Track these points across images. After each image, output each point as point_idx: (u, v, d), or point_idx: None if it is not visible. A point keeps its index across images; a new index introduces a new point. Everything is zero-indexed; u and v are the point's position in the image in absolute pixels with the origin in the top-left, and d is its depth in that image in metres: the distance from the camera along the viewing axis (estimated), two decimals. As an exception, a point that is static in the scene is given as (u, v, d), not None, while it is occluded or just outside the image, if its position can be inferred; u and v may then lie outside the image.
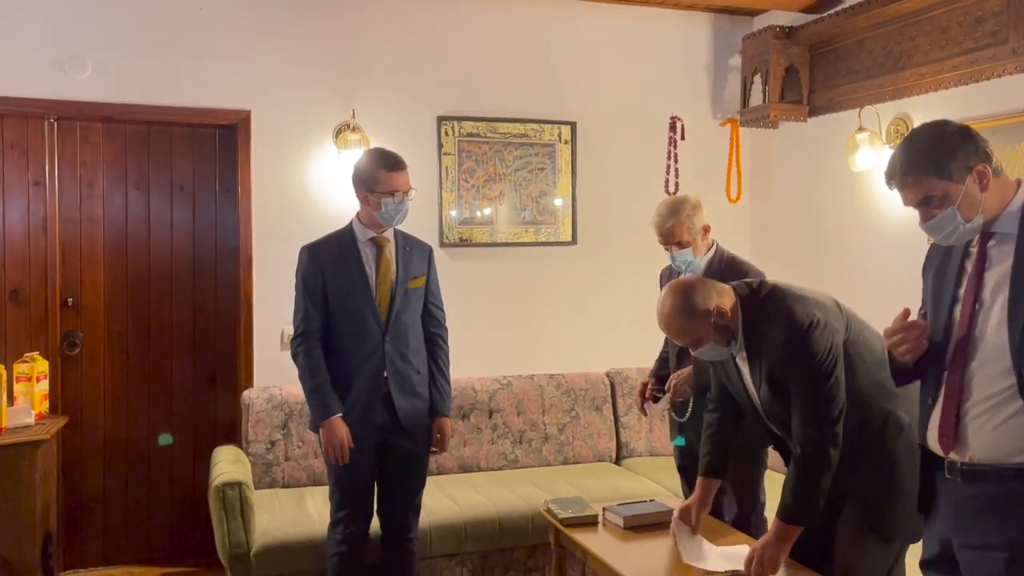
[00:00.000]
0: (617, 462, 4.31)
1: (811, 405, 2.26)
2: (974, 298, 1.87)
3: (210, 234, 4.08)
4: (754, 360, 2.37)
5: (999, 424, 1.80)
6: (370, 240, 3.02)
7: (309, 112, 4.04)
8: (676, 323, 2.39)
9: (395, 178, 2.94)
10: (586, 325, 4.50)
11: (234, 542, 3.22)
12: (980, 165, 1.84)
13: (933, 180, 1.84)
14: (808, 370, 2.25)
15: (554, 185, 4.46)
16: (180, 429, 4.06)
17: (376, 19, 4.15)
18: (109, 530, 3.98)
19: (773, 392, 2.34)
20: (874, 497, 2.31)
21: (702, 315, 2.35)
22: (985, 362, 1.84)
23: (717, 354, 2.43)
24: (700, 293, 2.37)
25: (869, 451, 2.32)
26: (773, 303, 2.35)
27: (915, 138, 1.92)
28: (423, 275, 3.09)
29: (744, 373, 2.45)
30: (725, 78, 4.71)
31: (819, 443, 2.25)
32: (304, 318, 2.98)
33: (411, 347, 3.02)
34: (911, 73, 3.66)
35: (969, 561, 1.88)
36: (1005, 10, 3.24)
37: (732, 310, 2.37)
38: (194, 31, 3.90)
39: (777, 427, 2.44)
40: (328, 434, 2.90)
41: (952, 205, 1.85)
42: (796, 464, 2.30)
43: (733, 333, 2.37)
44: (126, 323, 3.98)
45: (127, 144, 3.95)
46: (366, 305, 2.96)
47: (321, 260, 2.99)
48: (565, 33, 4.45)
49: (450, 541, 3.46)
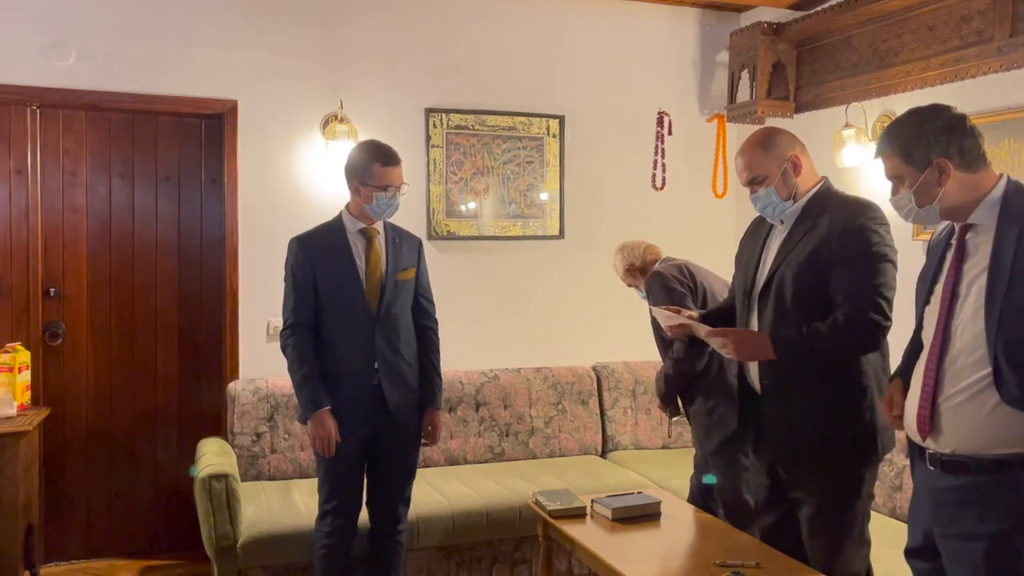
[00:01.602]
0: (603, 455, 4.33)
1: (866, 279, 2.25)
2: (952, 289, 1.91)
3: (195, 225, 4.05)
4: (799, 234, 2.37)
5: (976, 415, 1.83)
6: (360, 231, 3.01)
7: (297, 103, 4.02)
8: (751, 152, 2.45)
9: (389, 172, 2.93)
10: (573, 319, 4.51)
11: (220, 534, 3.20)
12: (940, 159, 1.90)
13: (898, 161, 1.96)
14: (875, 248, 2.27)
15: (542, 179, 4.46)
16: (164, 421, 4.03)
17: (365, 10, 4.13)
18: (92, 522, 3.94)
19: (803, 272, 2.32)
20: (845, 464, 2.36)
21: (778, 156, 2.41)
22: (961, 352, 1.88)
23: (771, 205, 2.43)
24: (785, 138, 2.46)
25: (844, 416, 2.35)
26: (850, 195, 2.45)
27: (904, 118, 2.01)
28: (412, 267, 3.08)
29: (770, 247, 2.46)
30: (712, 74, 4.73)
31: (866, 311, 2.23)
32: (293, 310, 2.96)
33: (401, 339, 3.01)
34: (897, 70, 3.69)
35: (950, 551, 1.91)
36: (991, 8, 3.28)
37: (807, 173, 2.43)
38: (181, 19, 3.86)
39: (759, 319, 2.44)
40: (316, 426, 2.89)
41: (909, 189, 1.95)
42: (831, 323, 2.27)
43: (795, 195, 2.40)
44: (109, 314, 3.94)
45: (111, 133, 3.91)
46: (356, 296, 2.94)
47: (311, 251, 2.97)
48: (554, 27, 4.45)
49: (437, 534, 3.46)
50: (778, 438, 2.41)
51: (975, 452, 1.85)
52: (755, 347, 2.34)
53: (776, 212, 2.44)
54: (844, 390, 2.34)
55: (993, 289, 1.83)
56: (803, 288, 2.33)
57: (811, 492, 2.39)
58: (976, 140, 1.93)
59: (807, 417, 2.34)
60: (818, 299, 2.31)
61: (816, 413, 2.34)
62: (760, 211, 2.49)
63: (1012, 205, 1.87)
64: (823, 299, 2.30)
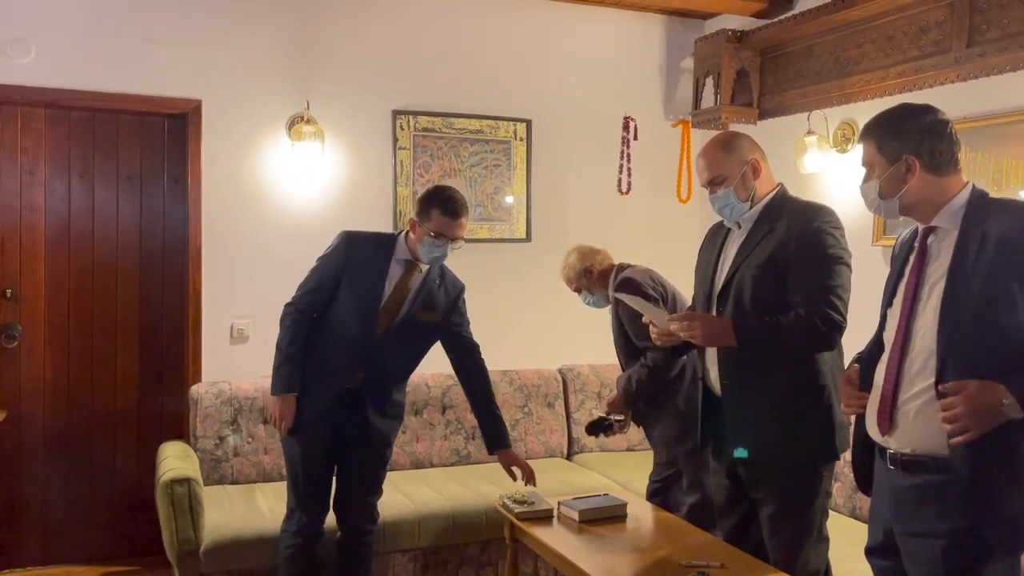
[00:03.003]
0: (569, 457, 4.34)
1: (823, 280, 2.30)
2: (914, 291, 1.96)
3: (158, 225, 3.99)
4: (757, 237, 2.42)
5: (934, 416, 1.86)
6: (403, 261, 2.99)
7: (262, 103, 3.98)
8: (713, 153, 2.50)
9: (447, 223, 2.91)
10: (539, 322, 4.53)
11: (182, 539, 3.16)
12: (910, 156, 1.95)
13: (873, 150, 2.01)
14: (831, 250, 2.33)
15: (509, 182, 4.48)
16: (124, 424, 3.96)
17: (332, 10, 4.10)
18: (49, 528, 3.86)
19: (761, 274, 2.36)
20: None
21: (739, 158, 2.45)
22: (920, 353, 1.92)
23: (728, 206, 2.47)
24: (747, 142, 2.51)
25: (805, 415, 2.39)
26: (806, 200, 2.51)
27: (892, 110, 2.04)
28: (441, 312, 3.05)
29: (728, 251, 2.50)
30: (677, 80, 4.78)
31: (823, 310, 2.28)
32: (306, 293, 2.98)
33: (397, 373, 3.05)
34: (858, 79, 3.77)
35: (909, 548, 1.95)
36: (948, 20, 3.37)
37: (765, 178, 2.48)
38: (144, 16, 3.80)
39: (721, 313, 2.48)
40: (279, 407, 2.92)
41: (877, 179, 1.99)
42: (792, 316, 2.31)
43: (752, 199, 2.45)
44: (68, 316, 3.86)
45: (71, 131, 3.84)
46: (367, 314, 2.93)
47: (352, 251, 2.97)
48: (522, 31, 4.46)
49: (403, 536, 3.45)
50: (738, 438, 2.44)
51: (934, 452, 1.89)
52: (718, 332, 2.37)
53: (733, 213, 2.48)
54: (802, 389, 2.39)
55: (951, 294, 1.87)
56: (761, 289, 2.37)
57: (771, 492, 2.43)
58: (951, 146, 1.96)
59: (766, 417, 2.38)
60: (776, 300, 2.35)
61: (774, 413, 2.37)
62: (718, 211, 2.53)
63: (976, 212, 1.91)
64: (781, 300, 2.35)
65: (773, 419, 2.37)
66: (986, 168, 3.22)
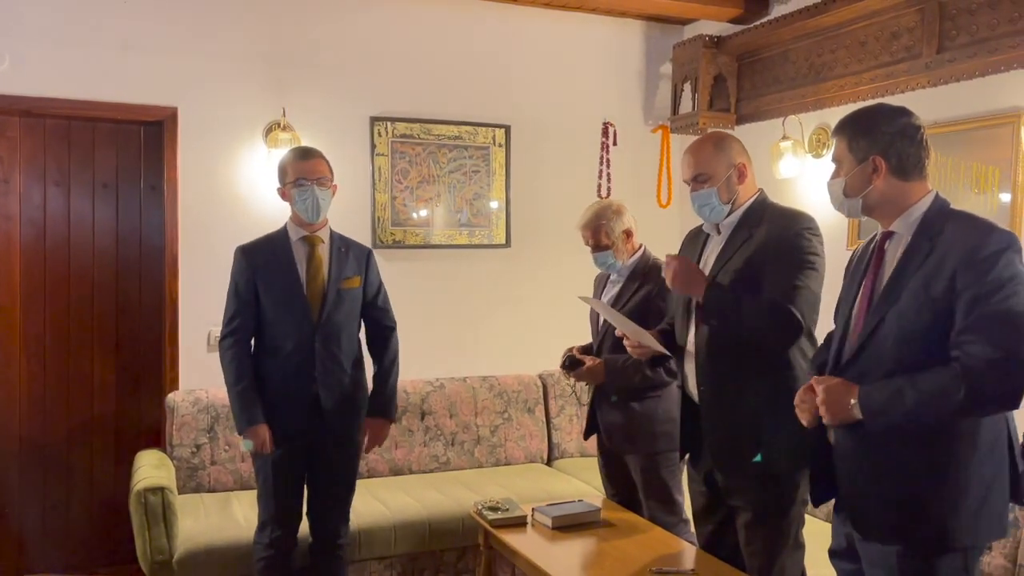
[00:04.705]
0: (548, 463, 4.34)
1: (791, 279, 2.31)
2: (870, 295, 1.97)
3: (134, 233, 3.97)
4: (737, 242, 2.42)
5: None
6: (302, 239, 2.99)
7: (239, 110, 3.97)
8: (702, 149, 2.49)
9: (302, 165, 2.91)
10: (519, 327, 4.53)
11: (155, 548, 3.14)
12: (876, 157, 1.95)
13: (843, 147, 2.01)
14: (804, 254, 2.34)
15: (488, 188, 4.48)
16: (101, 433, 3.94)
17: (309, 16, 4.10)
18: (24, 537, 3.83)
19: (740, 279, 2.37)
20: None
21: (727, 159, 2.45)
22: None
23: (708, 206, 2.46)
24: (737, 145, 2.51)
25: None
26: (786, 207, 2.52)
27: (867, 108, 2.05)
28: (358, 276, 3.05)
29: (708, 256, 2.50)
30: (656, 85, 4.79)
31: (788, 306, 2.29)
32: (231, 319, 2.94)
33: (343, 348, 2.99)
34: (831, 84, 3.79)
35: (867, 553, 1.97)
36: (919, 26, 3.39)
37: (749, 184, 2.48)
38: (119, 23, 3.79)
39: (695, 329, 2.47)
40: (254, 440, 2.88)
41: (843, 177, 2.00)
42: (760, 298, 2.33)
43: (733, 203, 2.45)
44: (44, 324, 3.84)
45: (46, 139, 3.82)
46: (297, 303, 2.93)
47: (253, 259, 2.96)
48: (500, 37, 4.47)
49: (379, 544, 3.44)
50: (715, 445, 2.45)
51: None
52: (691, 280, 2.38)
53: (712, 214, 2.48)
54: (777, 395, 2.38)
55: (884, 296, 1.90)
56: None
57: (748, 500, 2.43)
58: (919, 152, 1.96)
59: (742, 423, 2.38)
60: None
61: (751, 418, 2.38)
62: (697, 210, 2.52)
63: (931, 221, 1.91)
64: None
65: (749, 425, 2.38)
66: (956, 173, 3.24)
